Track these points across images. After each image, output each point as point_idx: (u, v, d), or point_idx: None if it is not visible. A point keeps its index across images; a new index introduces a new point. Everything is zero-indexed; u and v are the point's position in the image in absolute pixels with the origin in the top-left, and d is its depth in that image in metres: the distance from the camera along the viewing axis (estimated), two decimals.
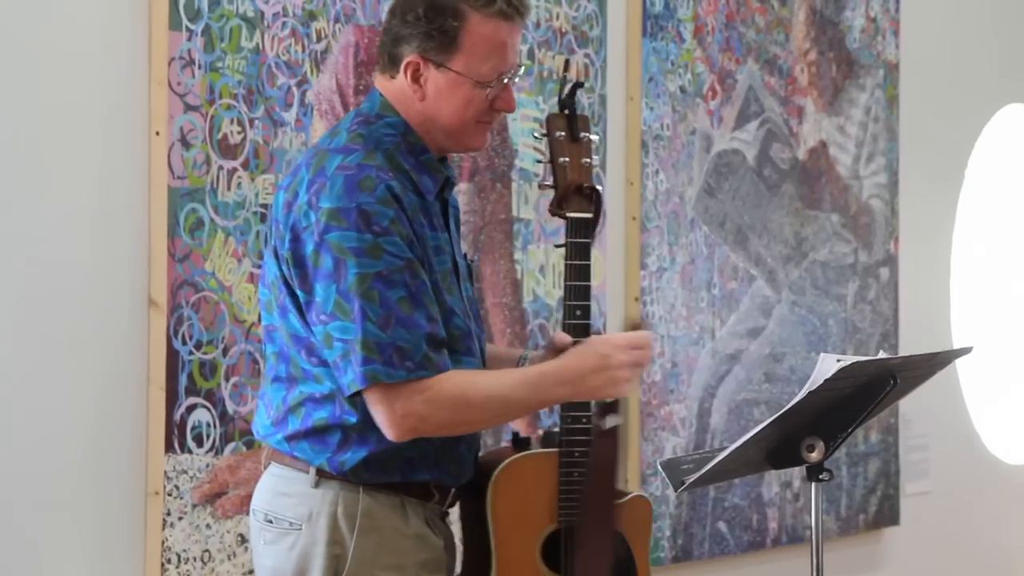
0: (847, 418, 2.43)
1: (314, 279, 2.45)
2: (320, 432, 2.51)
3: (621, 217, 4.04)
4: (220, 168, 3.08)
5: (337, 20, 3.30)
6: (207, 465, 3.05)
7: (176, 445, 3.00)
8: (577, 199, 2.69)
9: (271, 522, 2.56)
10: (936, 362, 2.57)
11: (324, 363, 2.49)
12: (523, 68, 2.66)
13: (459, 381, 2.48)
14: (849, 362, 2.29)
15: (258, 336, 3.12)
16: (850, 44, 4.85)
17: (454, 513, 2.73)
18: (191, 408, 3.03)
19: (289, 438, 2.54)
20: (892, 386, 2.39)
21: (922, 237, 5.22)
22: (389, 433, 2.45)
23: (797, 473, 4.48)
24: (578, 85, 2.78)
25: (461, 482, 2.65)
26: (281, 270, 2.51)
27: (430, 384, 2.44)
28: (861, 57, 4.90)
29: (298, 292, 2.48)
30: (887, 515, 4.99)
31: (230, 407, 3.08)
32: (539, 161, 2.80)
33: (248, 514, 3.07)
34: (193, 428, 3.03)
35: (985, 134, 5.64)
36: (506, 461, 2.70)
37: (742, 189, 4.41)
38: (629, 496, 2.79)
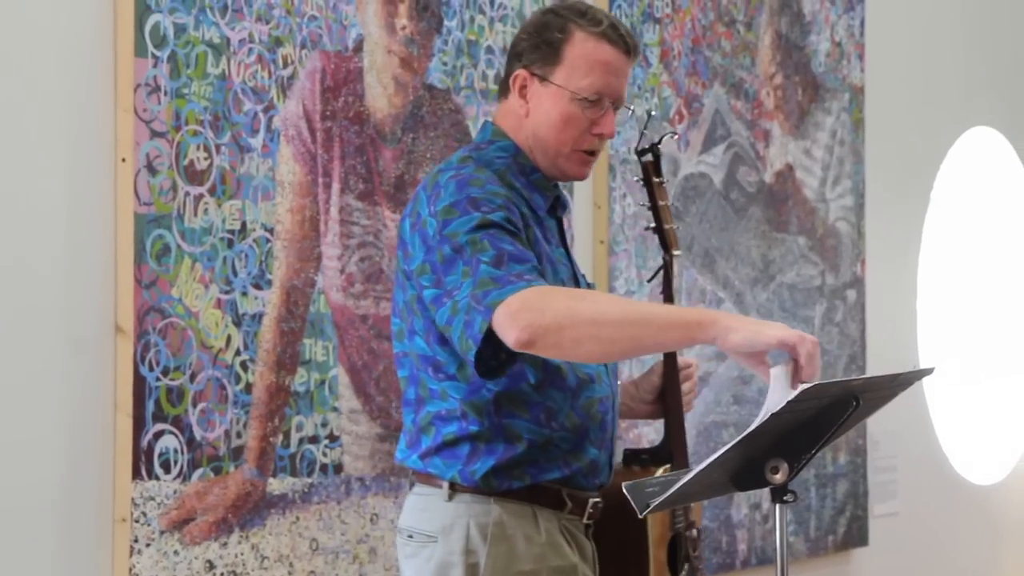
0: (811, 440, 2.43)
1: (446, 273, 2.54)
2: (450, 446, 2.64)
3: (589, 241, 4.05)
4: (187, 194, 3.08)
5: (303, 46, 3.31)
6: (175, 491, 3.04)
7: (143, 472, 2.99)
8: (674, 239, 3.00)
9: (411, 537, 2.69)
10: (898, 383, 2.57)
11: (451, 378, 2.62)
12: (633, 108, 2.78)
13: (556, 288, 2.56)
14: (811, 384, 2.30)
15: (225, 362, 3.13)
16: (815, 68, 4.89)
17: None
18: (158, 434, 3.02)
19: (423, 456, 2.67)
20: (855, 407, 2.39)
21: (888, 259, 5.25)
22: (509, 336, 2.44)
23: (766, 494, 4.50)
24: (672, 134, 3.19)
25: (595, 485, 2.72)
26: (411, 289, 2.63)
27: (544, 286, 2.50)
28: (827, 81, 4.93)
29: (429, 292, 2.57)
30: (856, 536, 5.01)
31: (197, 433, 3.08)
32: (642, 204, 3.03)
33: (215, 540, 3.09)
34: (160, 454, 3.02)
35: (950, 156, 5.68)
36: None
37: (709, 212, 4.43)
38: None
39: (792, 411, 2.31)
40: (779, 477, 2.43)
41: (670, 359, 2.95)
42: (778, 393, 2.40)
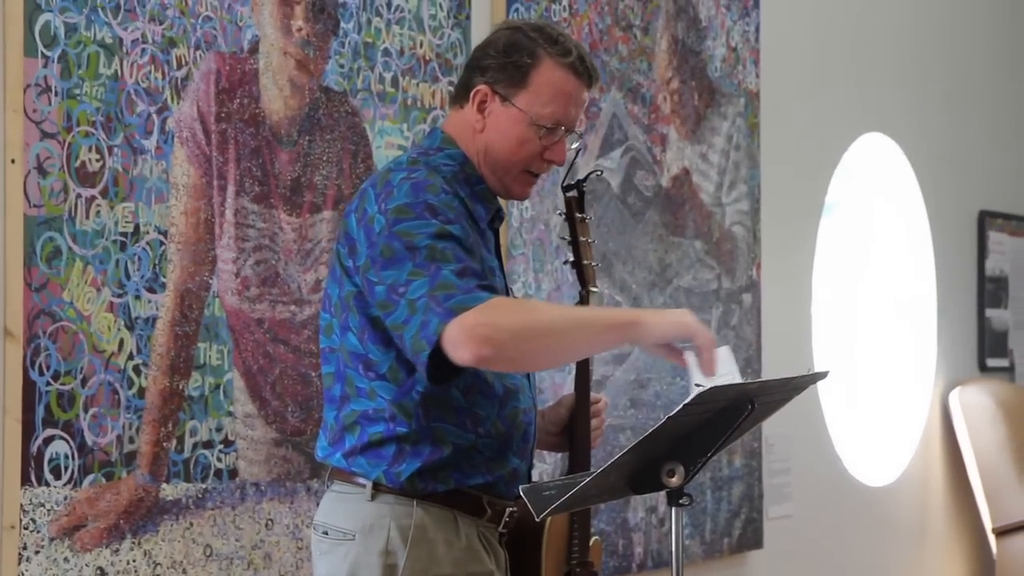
0: (707, 443, 2.45)
1: (385, 267, 2.56)
2: (376, 446, 2.65)
3: None
4: (78, 196, 3.04)
5: (198, 47, 3.27)
6: (65, 498, 3.00)
7: (33, 478, 2.95)
8: (592, 275, 2.97)
9: (327, 534, 2.69)
10: (792, 387, 2.60)
11: (381, 377, 2.63)
12: (580, 141, 2.85)
13: (515, 300, 2.66)
14: (707, 387, 2.32)
15: (117, 366, 3.09)
16: (712, 73, 4.92)
17: None
18: (48, 440, 2.97)
19: (347, 455, 2.67)
20: (750, 411, 2.41)
21: (783, 263, 5.30)
22: (464, 353, 2.47)
23: (662, 498, 4.52)
24: (598, 173, 3.27)
25: (513, 494, 2.70)
26: (350, 286, 2.65)
27: (496, 298, 2.54)
28: (722, 86, 4.97)
29: (381, 288, 2.56)
30: (751, 539, 5.05)
31: (89, 438, 3.04)
32: (563, 238, 3.06)
33: (107, 547, 3.05)
34: (51, 460, 2.97)
35: (844, 162, 5.75)
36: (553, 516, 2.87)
37: (607, 216, 4.45)
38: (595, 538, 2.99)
39: (688, 414, 2.33)
40: (675, 480, 2.44)
41: (582, 393, 2.97)
42: (695, 375, 2.52)
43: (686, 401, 2.30)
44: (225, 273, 3.31)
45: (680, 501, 2.47)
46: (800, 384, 2.62)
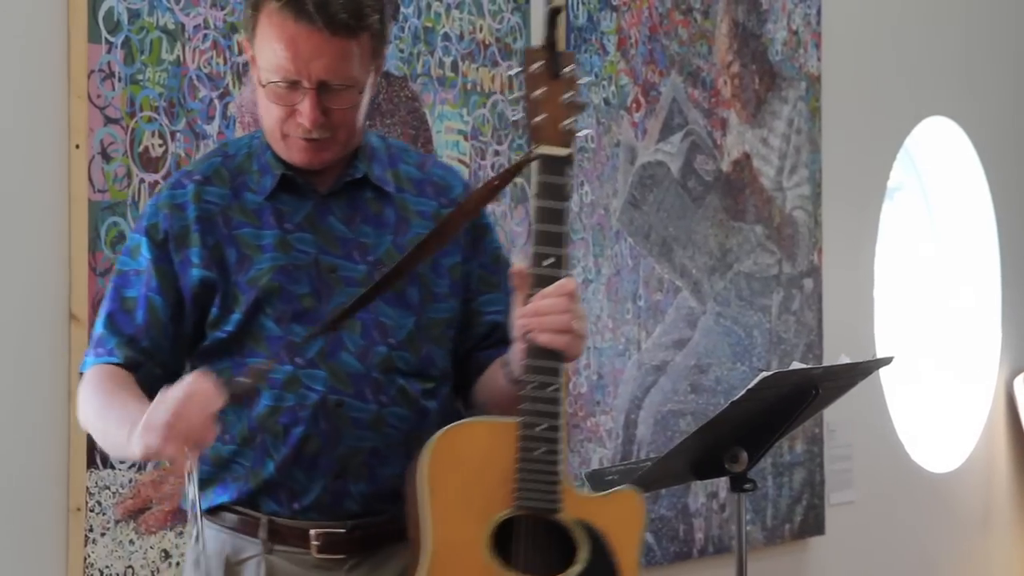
0: (770, 429, 2.45)
1: None
2: None
3: None
4: (142, 181, 3.06)
5: None
6: (130, 481, 3.02)
7: (98, 460, 2.97)
8: (553, 135, 2.28)
9: None
10: (857, 372, 2.59)
11: None
12: (326, 85, 2.27)
13: (98, 373, 2.30)
14: (771, 372, 2.31)
15: None
16: (772, 57, 4.89)
17: None
18: None
19: None
20: (814, 396, 2.40)
21: (845, 248, 5.26)
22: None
23: (723, 484, 4.50)
24: (556, 11, 2.28)
25: (296, 510, 2.30)
26: None
27: (88, 372, 2.33)
28: (783, 69, 4.94)
29: None
30: (812, 525, 5.02)
31: None
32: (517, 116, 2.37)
33: (171, 530, 3.07)
34: None
35: (907, 146, 5.70)
36: (449, 426, 2.27)
37: (666, 201, 4.43)
38: (614, 491, 2.38)
39: (752, 400, 2.32)
40: (739, 466, 2.44)
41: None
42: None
43: (749, 386, 2.29)
44: None
45: (744, 487, 2.46)
46: (865, 369, 2.61)
